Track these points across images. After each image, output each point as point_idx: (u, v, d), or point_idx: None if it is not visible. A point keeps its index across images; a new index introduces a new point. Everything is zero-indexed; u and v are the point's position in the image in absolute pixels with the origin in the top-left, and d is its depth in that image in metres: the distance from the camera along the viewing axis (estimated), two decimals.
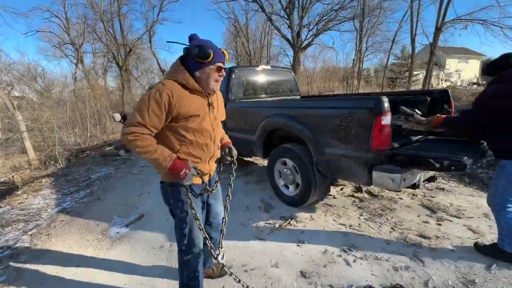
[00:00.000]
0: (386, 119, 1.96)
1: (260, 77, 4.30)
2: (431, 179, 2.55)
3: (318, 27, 18.29)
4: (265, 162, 4.70)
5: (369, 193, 3.19)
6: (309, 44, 18.89)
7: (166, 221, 2.76)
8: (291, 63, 20.26)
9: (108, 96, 17.84)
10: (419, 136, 2.61)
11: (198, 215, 1.41)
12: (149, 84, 25.92)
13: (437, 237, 2.23)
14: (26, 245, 2.42)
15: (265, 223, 2.61)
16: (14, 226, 2.84)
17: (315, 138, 2.42)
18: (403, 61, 21.57)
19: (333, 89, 18.63)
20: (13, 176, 9.58)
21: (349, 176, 2.28)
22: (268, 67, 4.32)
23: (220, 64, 1.31)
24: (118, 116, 6.27)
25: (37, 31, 20.68)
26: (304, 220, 2.63)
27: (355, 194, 3.15)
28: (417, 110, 2.63)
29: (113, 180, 4.30)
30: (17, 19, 28.88)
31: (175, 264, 2.06)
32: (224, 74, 1.35)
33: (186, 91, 1.28)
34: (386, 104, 1.96)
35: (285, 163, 2.91)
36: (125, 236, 2.51)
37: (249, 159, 4.99)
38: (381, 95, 2.01)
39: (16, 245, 2.43)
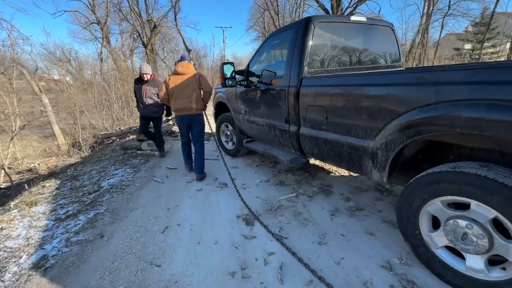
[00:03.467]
0: None
1: (353, 36, 2.62)
2: None
3: None
4: (345, 173, 3.09)
5: None
6: (351, 13, 16.11)
7: None
8: None
9: (134, 78, 16.93)
10: None
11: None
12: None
13: None
14: None
15: None
16: None
17: None
18: (481, 27, 17.51)
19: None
20: (39, 164, 8.92)
21: None
22: (363, 18, 2.58)
23: None
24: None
25: (65, 11, 19.97)
26: None
27: None
28: None
29: (129, 192, 3.00)
30: None
31: None
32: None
33: None
34: None
35: (461, 207, 1.32)
36: None
37: (314, 161, 3.42)
38: None
39: None
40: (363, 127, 1.72)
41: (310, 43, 2.25)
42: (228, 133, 3.94)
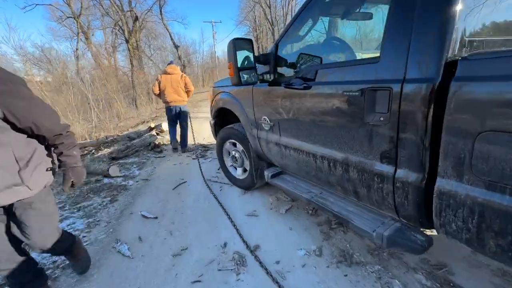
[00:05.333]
0: None
1: None
2: None
3: None
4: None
5: None
6: None
7: None
8: (326, 29, 16.40)
9: (117, 77, 15.07)
10: None
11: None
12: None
13: None
14: None
15: None
16: None
17: None
18: None
19: None
20: None
21: None
22: None
23: None
24: None
25: (36, 4, 17.74)
26: None
27: None
28: None
29: None
30: None
31: None
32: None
33: None
34: None
35: None
36: None
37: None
38: None
39: None
40: None
41: None
42: (237, 155, 2.53)
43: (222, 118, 2.86)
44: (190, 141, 4.67)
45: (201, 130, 5.63)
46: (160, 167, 3.59)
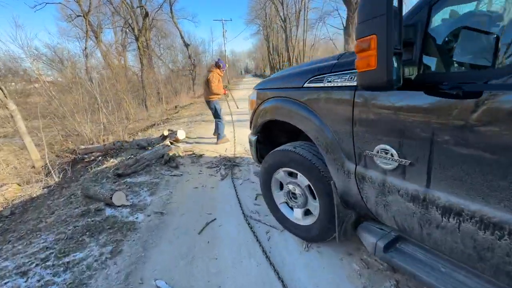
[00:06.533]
0: None
1: None
2: None
3: None
4: None
5: None
6: None
7: None
8: (344, 25, 15.40)
9: (126, 76, 14.38)
10: None
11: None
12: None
13: None
14: None
15: None
16: None
17: None
18: None
19: None
20: None
21: None
22: None
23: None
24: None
25: (46, 3, 17.25)
26: None
27: None
28: None
29: None
30: None
31: None
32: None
33: None
34: None
35: None
36: None
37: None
38: None
39: None
40: None
41: None
42: (297, 191, 1.66)
43: (268, 134, 2.01)
44: (213, 153, 3.87)
45: None
46: (178, 192, 2.75)
